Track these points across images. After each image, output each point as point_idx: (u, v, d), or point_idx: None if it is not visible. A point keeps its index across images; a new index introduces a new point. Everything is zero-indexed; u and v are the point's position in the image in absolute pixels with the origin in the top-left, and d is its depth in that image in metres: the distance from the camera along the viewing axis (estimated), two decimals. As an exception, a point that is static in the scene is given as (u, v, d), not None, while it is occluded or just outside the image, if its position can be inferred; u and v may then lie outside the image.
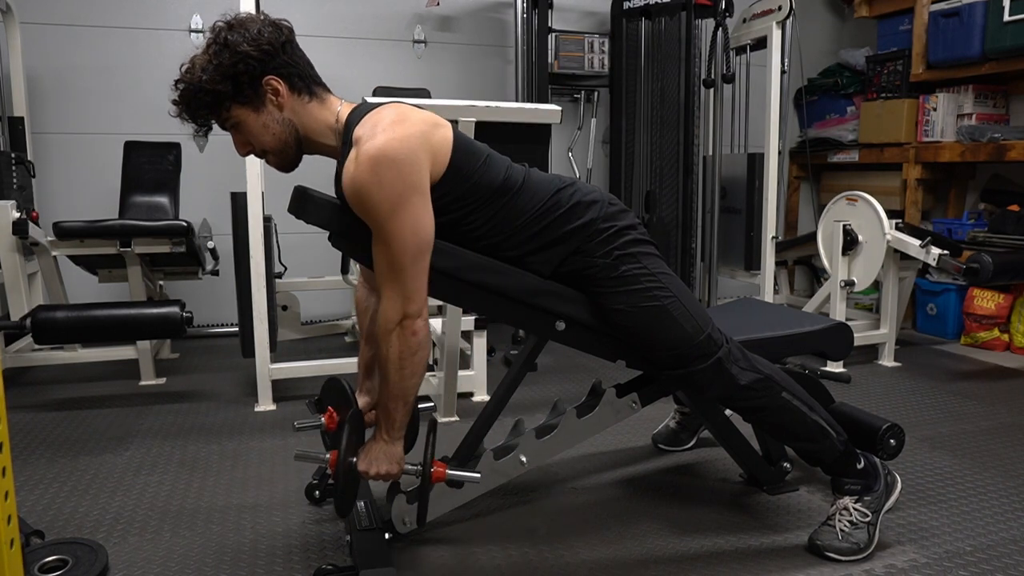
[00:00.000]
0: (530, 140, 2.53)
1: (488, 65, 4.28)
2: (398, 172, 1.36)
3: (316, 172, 2.13)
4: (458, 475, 1.62)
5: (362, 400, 1.73)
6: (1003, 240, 3.61)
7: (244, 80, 1.41)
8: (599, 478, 2.16)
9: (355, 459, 1.51)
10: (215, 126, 1.50)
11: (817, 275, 4.58)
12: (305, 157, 1.57)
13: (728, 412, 1.95)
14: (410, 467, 1.57)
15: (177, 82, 1.44)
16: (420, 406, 1.76)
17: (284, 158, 1.52)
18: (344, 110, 1.51)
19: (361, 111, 1.47)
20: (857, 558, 1.69)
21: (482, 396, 2.87)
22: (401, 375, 1.45)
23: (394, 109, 1.46)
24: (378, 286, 1.46)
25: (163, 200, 3.39)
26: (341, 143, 1.49)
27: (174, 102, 1.45)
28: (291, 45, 1.47)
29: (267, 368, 2.76)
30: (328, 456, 1.55)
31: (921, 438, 2.45)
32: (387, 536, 1.70)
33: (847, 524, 1.71)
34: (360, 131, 1.41)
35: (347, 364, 2.97)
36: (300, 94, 1.48)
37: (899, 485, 1.83)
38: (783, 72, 3.85)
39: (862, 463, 1.76)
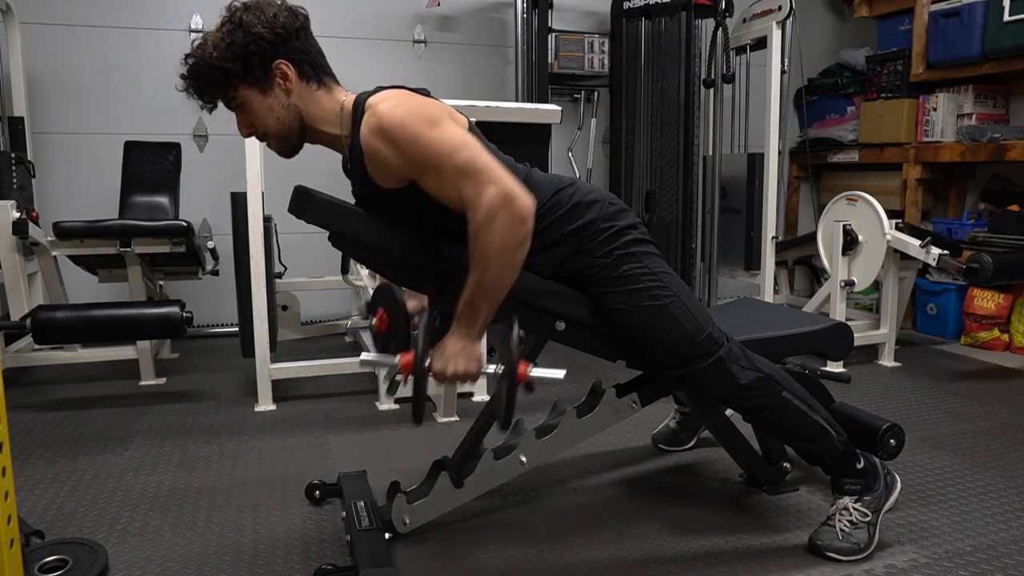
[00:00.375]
0: (530, 140, 2.53)
1: (488, 65, 4.28)
2: (420, 99, 1.40)
3: (316, 172, 2.14)
4: (541, 374, 1.47)
5: (411, 303, 1.67)
6: (1003, 240, 3.61)
7: (255, 61, 1.41)
8: (599, 478, 2.16)
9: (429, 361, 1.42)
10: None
11: (817, 275, 4.58)
12: (305, 155, 1.57)
13: (728, 412, 1.95)
14: (489, 367, 1.46)
15: (187, 56, 1.43)
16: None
17: (285, 143, 1.52)
18: (349, 99, 1.50)
19: (369, 92, 1.48)
20: (857, 558, 1.69)
21: (482, 396, 2.87)
22: (501, 268, 1.35)
23: (403, 91, 1.47)
24: (465, 204, 1.34)
25: (163, 200, 3.39)
26: (349, 131, 1.47)
27: (182, 76, 1.44)
28: (305, 32, 1.48)
29: (267, 368, 2.76)
30: (398, 359, 1.44)
31: (921, 438, 2.45)
32: (387, 536, 1.70)
33: (847, 524, 1.71)
34: (373, 99, 1.42)
35: (347, 364, 2.97)
36: (308, 81, 1.48)
37: (899, 485, 1.83)
38: (783, 72, 3.85)
39: (862, 463, 1.76)
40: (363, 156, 1.42)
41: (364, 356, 1.52)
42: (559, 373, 1.49)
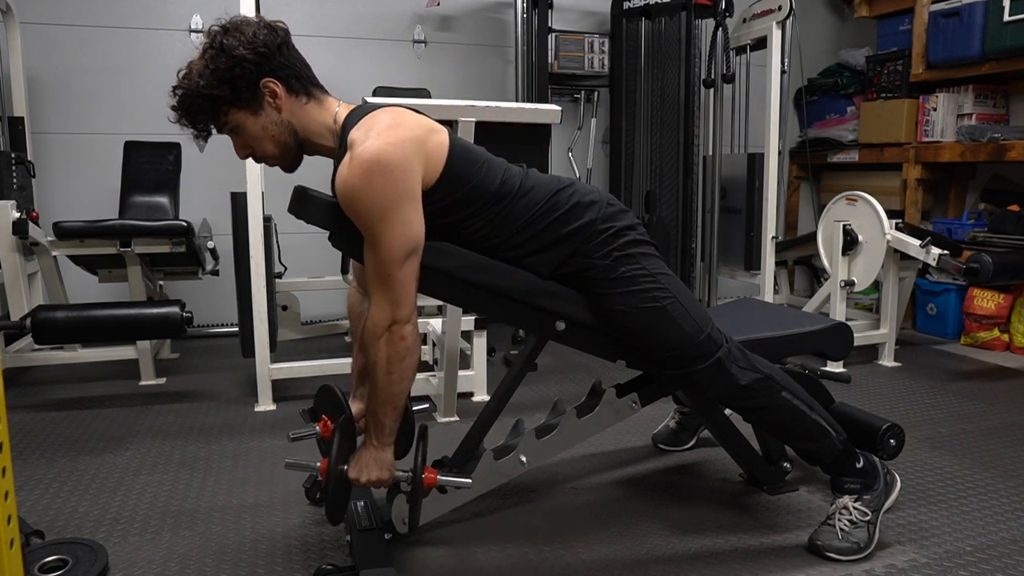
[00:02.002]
0: (530, 140, 2.52)
1: (488, 65, 4.28)
2: (390, 177, 1.36)
3: (316, 172, 2.13)
4: (449, 480, 1.61)
5: (356, 406, 1.73)
6: (1003, 240, 3.61)
7: (241, 84, 1.41)
8: (599, 478, 2.16)
9: (346, 466, 1.51)
10: (214, 131, 1.50)
11: (817, 275, 4.58)
12: (305, 156, 1.57)
13: (728, 412, 1.95)
14: (401, 473, 1.56)
15: (175, 88, 1.44)
16: (416, 408, 1.76)
17: (285, 160, 1.53)
18: (342, 111, 1.50)
19: (359, 113, 1.47)
20: (857, 557, 1.69)
21: (482, 396, 2.87)
22: (389, 380, 1.44)
23: (390, 114, 1.45)
24: (368, 291, 1.46)
25: (163, 200, 3.39)
26: (338, 145, 1.48)
27: (173, 108, 1.45)
28: (287, 47, 1.47)
29: (267, 368, 2.76)
30: (319, 464, 1.54)
31: (921, 438, 2.45)
32: (387, 536, 1.70)
33: (847, 523, 1.71)
34: (355, 134, 1.41)
35: (347, 364, 2.96)
36: (298, 95, 1.48)
37: (898, 484, 1.83)
38: (783, 72, 3.85)
39: (861, 462, 1.76)
40: None
41: (287, 461, 1.61)
42: (466, 481, 1.63)
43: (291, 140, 1.49)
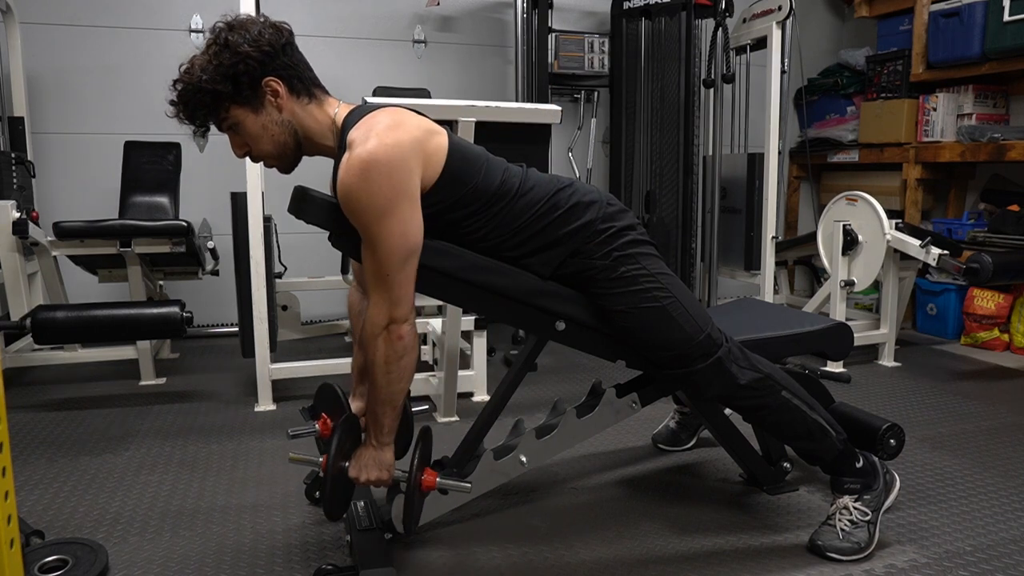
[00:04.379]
0: (530, 140, 2.52)
1: (488, 65, 4.28)
2: (388, 178, 1.36)
3: (316, 172, 2.13)
4: (449, 484, 1.60)
5: (355, 405, 1.73)
6: (1003, 240, 3.61)
7: (244, 81, 1.41)
8: (599, 478, 2.16)
9: (346, 464, 1.51)
10: (212, 128, 1.50)
11: (817, 275, 4.58)
12: (304, 156, 1.57)
13: (728, 412, 1.95)
14: (400, 473, 1.56)
15: (176, 82, 1.43)
16: (415, 409, 1.76)
17: (282, 160, 1.53)
18: (342, 111, 1.51)
19: (358, 113, 1.47)
20: (858, 557, 1.69)
21: (482, 396, 2.87)
22: (388, 380, 1.44)
23: (389, 114, 1.45)
24: (367, 291, 1.47)
25: (163, 200, 3.39)
26: (338, 145, 1.48)
27: (172, 102, 1.45)
28: (291, 47, 1.47)
29: (267, 368, 2.76)
30: (321, 460, 1.54)
31: (921, 438, 2.45)
32: (387, 536, 1.70)
33: (847, 523, 1.71)
34: (354, 134, 1.41)
35: (347, 364, 2.96)
36: (299, 96, 1.48)
37: (898, 483, 1.83)
38: (783, 72, 3.85)
39: (861, 462, 1.76)
40: None
41: (291, 454, 1.62)
42: (466, 485, 1.62)
43: (290, 140, 1.49)
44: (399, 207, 1.38)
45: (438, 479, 1.58)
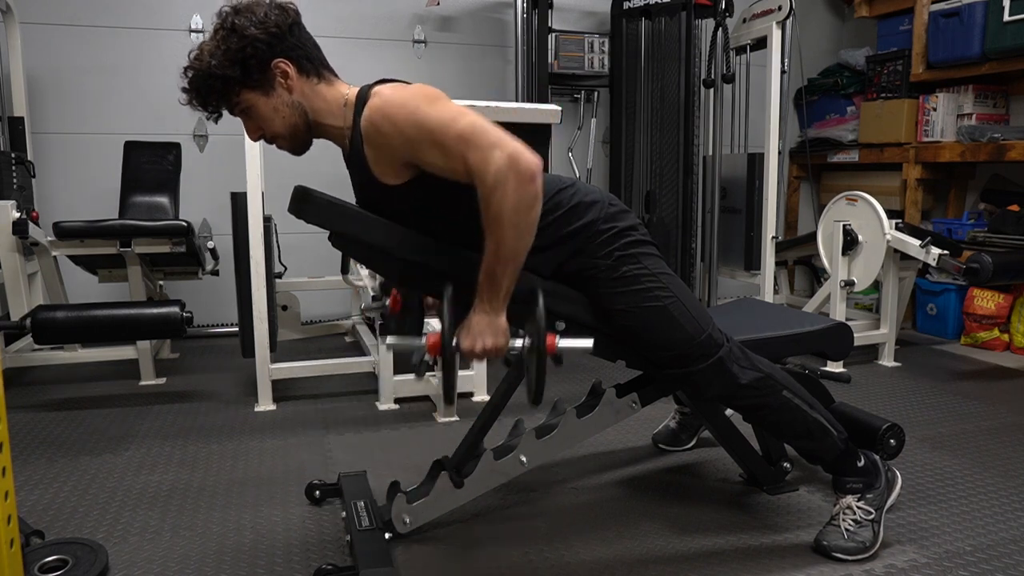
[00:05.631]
0: (530, 140, 2.52)
1: (488, 65, 4.28)
2: (423, 86, 1.40)
3: (316, 172, 2.14)
4: (570, 346, 1.45)
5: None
6: (1003, 240, 3.61)
7: (253, 64, 1.41)
8: (599, 478, 2.16)
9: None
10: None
11: (817, 275, 4.58)
12: (306, 155, 1.57)
13: (728, 412, 1.95)
14: (516, 341, 1.43)
15: (186, 69, 1.43)
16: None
17: (295, 141, 1.52)
18: (352, 93, 1.50)
19: (370, 86, 1.47)
20: (863, 556, 1.69)
21: (482, 396, 2.87)
22: (517, 231, 1.33)
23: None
24: (471, 172, 1.32)
25: (163, 200, 3.39)
26: (351, 124, 1.47)
27: (184, 89, 1.44)
28: (298, 27, 1.47)
29: (267, 368, 2.76)
30: (424, 340, 1.42)
31: (921, 438, 2.45)
32: (387, 536, 1.70)
33: (851, 523, 1.71)
34: (377, 88, 1.43)
35: (347, 364, 2.97)
36: (309, 76, 1.47)
37: (899, 481, 1.83)
38: (783, 72, 3.85)
39: (862, 461, 1.76)
40: (363, 143, 1.42)
41: (390, 340, 1.48)
42: (587, 342, 1.47)
43: (301, 121, 1.49)
44: (443, 97, 1.39)
45: (558, 342, 1.44)
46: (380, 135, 1.38)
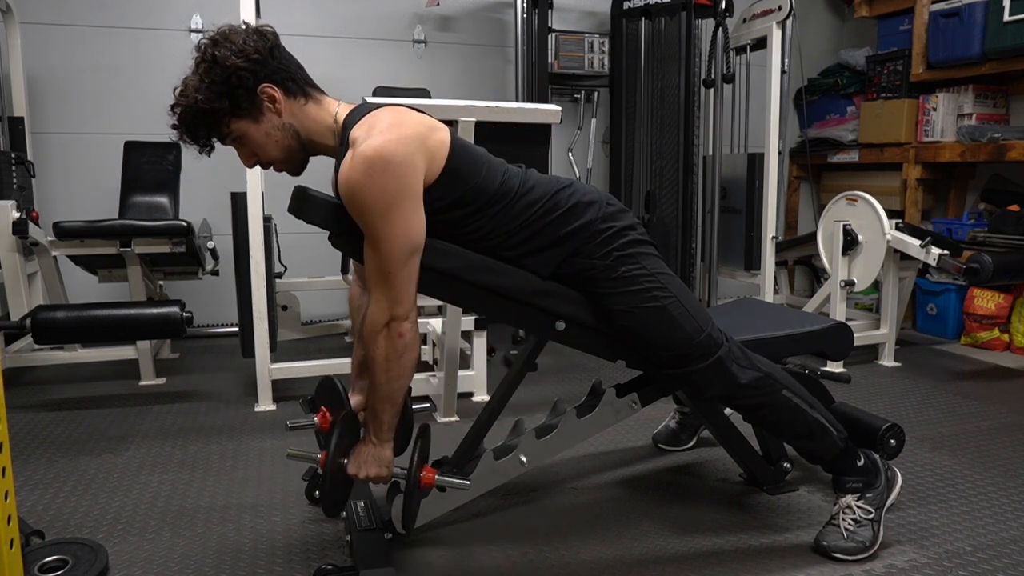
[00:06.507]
0: (530, 140, 2.52)
1: (488, 65, 4.28)
2: (392, 174, 1.36)
3: (316, 172, 2.13)
4: (447, 481, 1.60)
5: (355, 399, 1.73)
6: (1003, 240, 3.61)
7: (240, 93, 1.41)
8: (599, 478, 2.16)
9: (345, 461, 1.50)
10: (217, 144, 1.51)
11: (817, 275, 4.58)
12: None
13: (728, 412, 1.95)
14: (400, 471, 1.55)
15: (173, 106, 1.43)
16: (416, 407, 1.76)
17: (291, 163, 1.53)
18: (342, 111, 1.50)
19: (359, 112, 1.47)
20: (863, 556, 1.69)
21: (482, 396, 2.87)
22: (388, 377, 1.44)
23: (391, 112, 1.45)
24: (368, 288, 1.46)
25: (163, 200, 3.39)
26: (339, 144, 1.48)
27: (173, 127, 1.45)
28: (279, 50, 1.47)
29: (267, 368, 2.76)
30: (320, 456, 1.54)
31: (921, 438, 2.45)
32: (387, 536, 1.70)
33: (851, 523, 1.71)
34: (357, 132, 1.41)
35: (347, 364, 2.96)
36: (295, 97, 1.48)
37: (899, 481, 1.83)
38: (783, 72, 3.85)
39: (862, 460, 1.76)
40: None
41: (288, 451, 1.61)
42: (465, 482, 1.61)
43: (294, 143, 1.49)
44: (402, 204, 1.38)
45: (436, 476, 1.58)
46: (345, 201, 1.40)
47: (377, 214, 1.36)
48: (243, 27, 1.46)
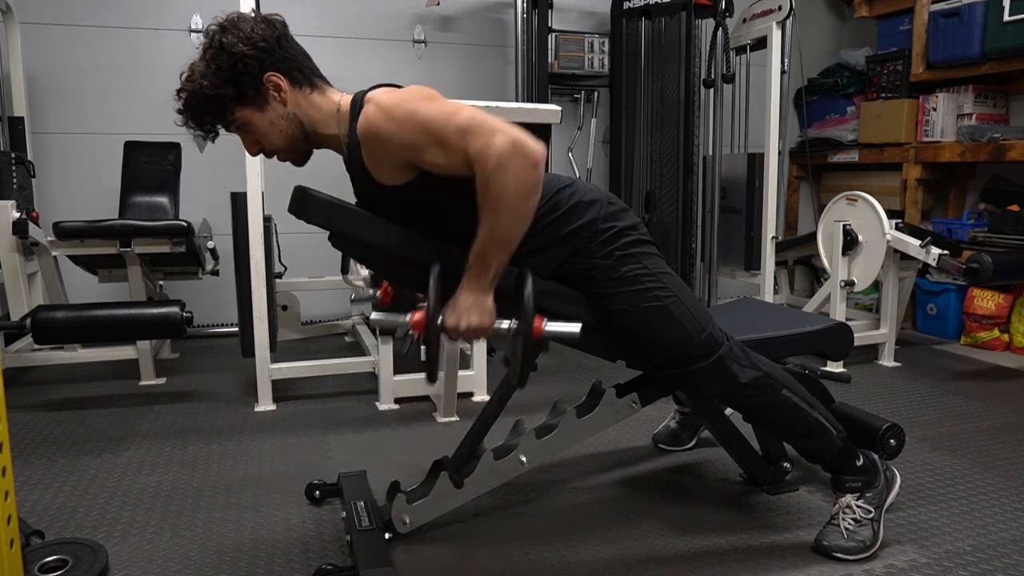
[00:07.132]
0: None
1: (488, 65, 4.28)
2: (420, 88, 1.39)
3: (316, 172, 2.13)
4: (556, 330, 1.43)
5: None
6: (1003, 240, 3.61)
7: (245, 81, 1.41)
8: (599, 478, 2.16)
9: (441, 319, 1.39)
10: (221, 131, 1.50)
11: (817, 275, 4.58)
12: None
13: (728, 412, 1.95)
14: (503, 323, 1.42)
15: (179, 91, 1.43)
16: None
17: (294, 152, 1.52)
18: (345, 100, 1.50)
19: (364, 92, 1.47)
20: (864, 556, 1.69)
21: (482, 396, 2.87)
22: (514, 217, 1.33)
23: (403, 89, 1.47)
24: (473, 160, 1.31)
25: (163, 200, 3.39)
26: (347, 130, 1.47)
27: (179, 111, 1.45)
28: (286, 39, 1.47)
29: (267, 368, 2.76)
30: (409, 317, 1.41)
31: (921, 438, 2.45)
32: (387, 536, 1.70)
33: (851, 522, 1.71)
34: (371, 93, 1.43)
35: (347, 364, 2.97)
36: (301, 86, 1.48)
37: (899, 480, 1.83)
38: (783, 72, 3.85)
39: (861, 460, 1.76)
40: (361, 149, 1.42)
41: (374, 316, 1.48)
42: (575, 327, 1.45)
43: (298, 133, 1.49)
44: (439, 96, 1.39)
45: (546, 326, 1.42)
46: (378, 139, 1.38)
47: (423, 103, 1.35)
48: (252, 16, 1.46)
